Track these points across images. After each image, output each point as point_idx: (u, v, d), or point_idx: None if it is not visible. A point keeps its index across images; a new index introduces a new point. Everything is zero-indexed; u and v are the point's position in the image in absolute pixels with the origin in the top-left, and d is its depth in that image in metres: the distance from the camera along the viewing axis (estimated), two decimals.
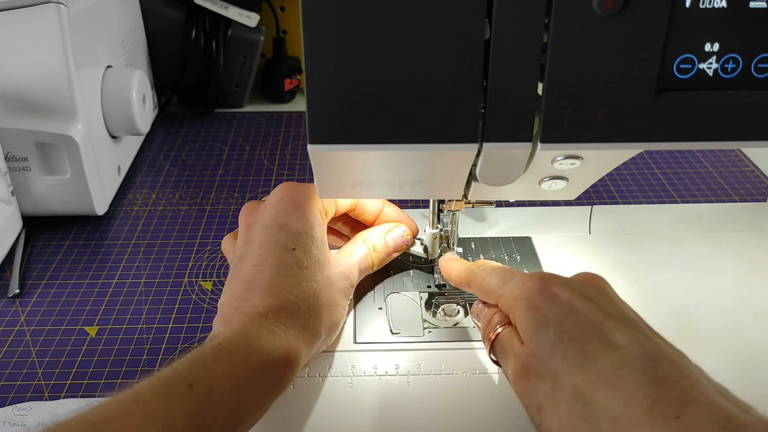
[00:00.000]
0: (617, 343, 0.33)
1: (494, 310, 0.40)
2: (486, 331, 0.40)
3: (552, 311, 0.35)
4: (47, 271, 0.57)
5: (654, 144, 0.33)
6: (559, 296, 0.36)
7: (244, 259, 0.41)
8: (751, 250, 0.54)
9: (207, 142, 0.79)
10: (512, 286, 0.38)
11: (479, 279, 0.41)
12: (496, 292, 0.40)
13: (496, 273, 0.41)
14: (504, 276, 0.40)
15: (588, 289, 0.37)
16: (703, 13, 0.30)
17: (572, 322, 0.34)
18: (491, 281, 0.40)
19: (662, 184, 0.69)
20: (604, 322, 0.34)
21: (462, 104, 0.31)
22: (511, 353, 0.37)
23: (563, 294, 0.36)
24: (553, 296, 0.36)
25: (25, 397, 0.45)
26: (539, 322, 0.35)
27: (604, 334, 0.33)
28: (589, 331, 0.34)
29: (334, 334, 0.43)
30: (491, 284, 0.40)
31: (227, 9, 0.78)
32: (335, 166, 0.36)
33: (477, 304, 0.42)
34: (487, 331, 0.40)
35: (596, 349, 0.33)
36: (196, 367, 0.34)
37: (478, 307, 0.42)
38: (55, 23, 0.55)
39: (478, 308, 0.42)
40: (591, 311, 0.35)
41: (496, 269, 0.41)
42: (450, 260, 0.46)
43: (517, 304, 0.37)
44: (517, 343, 0.36)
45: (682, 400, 0.30)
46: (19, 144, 0.57)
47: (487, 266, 0.42)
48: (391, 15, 0.29)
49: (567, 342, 0.34)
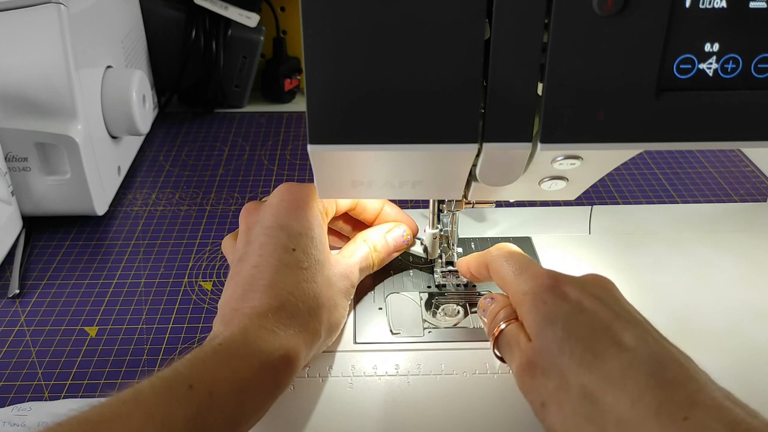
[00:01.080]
0: (626, 344, 0.33)
1: (500, 305, 0.40)
2: (491, 327, 0.40)
3: (561, 308, 0.35)
4: (47, 271, 0.57)
5: (654, 144, 0.33)
6: (569, 295, 0.36)
7: (245, 260, 0.41)
8: (751, 250, 0.54)
9: (207, 142, 0.78)
10: (523, 280, 0.39)
11: (496, 263, 0.42)
12: (509, 281, 0.40)
13: (513, 260, 0.41)
14: (519, 265, 0.40)
15: (597, 289, 0.37)
16: (703, 13, 0.30)
17: (581, 320, 0.35)
18: (507, 269, 0.40)
19: (662, 184, 0.69)
20: (612, 323, 0.34)
21: (462, 104, 0.31)
22: (517, 349, 0.37)
23: (573, 293, 0.36)
24: (562, 294, 0.36)
25: (25, 398, 0.45)
26: (547, 319, 0.35)
27: (612, 334, 0.34)
28: (597, 331, 0.34)
29: (334, 334, 0.43)
30: (507, 271, 0.40)
31: (227, 9, 0.78)
32: (335, 166, 0.36)
33: (483, 299, 0.43)
34: (492, 326, 0.40)
35: (604, 349, 0.33)
36: (196, 368, 0.34)
37: (484, 302, 0.42)
38: (55, 23, 0.55)
39: (485, 303, 0.42)
40: (600, 311, 0.35)
41: (513, 255, 0.41)
42: (465, 257, 0.47)
43: (526, 300, 0.37)
44: (524, 339, 0.36)
45: (690, 403, 0.30)
46: (19, 144, 0.57)
47: (503, 249, 0.42)
48: (391, 15, 0.29)
49: (575, 340, 0.34)
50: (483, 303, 0.43)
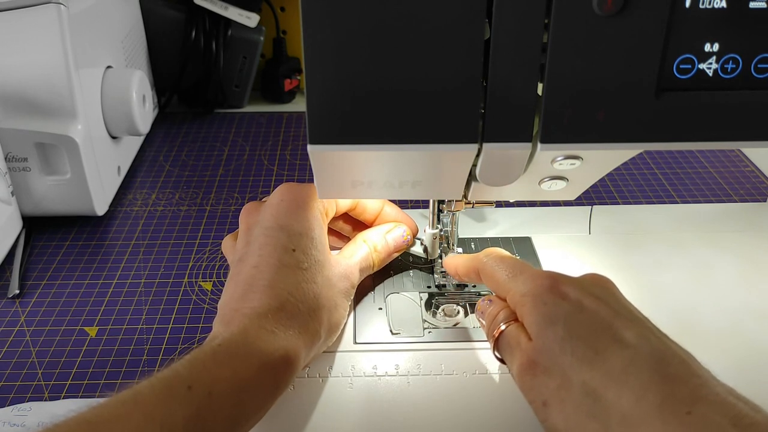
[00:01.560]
0: (627, 341, 0.33)
1: (499, 307, 0.40)
2: (490, 328, 0.40)
3: (561, 308, 0.35)
4: (47, 271, 0.57)
5: (654, 144, 0.33)
6: (569, 294, 0.36)
7: (245, 260, 0.41)
8: (751, 250, 0.54)
9: (207, 142, 0.78)
10: (521, 281, 0.38)
11: (488, 269, 0.41)
12: (505, 284, 0.40)
13: (506, 264, 0.41)
14: (513, 269, 0.40)
15: (597, 289, 0.37)
16: (703, 13, 0.30)
17: (581, 319, 0.35)
18: (501, 273, 0.40)
19: (662, 184, 0.69)
20: (614, 321, 0.34)
21: (462, 104, 0.31)
22: (518, 349, 0.37)
23: (572, 292, 0.36)
24: (562, 294, 0.36)
25: (25, 398, 0.45)
26: (548, 319, 0.35)
27: (614, 332, 0.34)
28: (598, 329, 0.34)
29: (334, 335, 0.43)
30: (501, 276, 0.40)
31: (227, 9, 0.78)
32: (335, 167, 0.36)
33: (481, 301, 0.42)
34: (491, 327, 0.39)
35: (606, 346, 0.33)
36: (195, 369, 0.34)
37: (482, 304, 0.42)
38: (55, 23, 0.55)
39: (483, 305, 0.42)
40: (600, 309, 0.35)
41: (505, 259, 0.41)
42: (453, 256, 0.47)
43: (525, 301, 0.37)
44: (525, 339, 0.36)
45: (693, 398, 0.30)
46: (19, 144, 0.57)
47: (494, 255, 0.42)
48: (391, 15, 0.29)
49: (576, 339, 0.34)
50: (481, 305, 0.42)
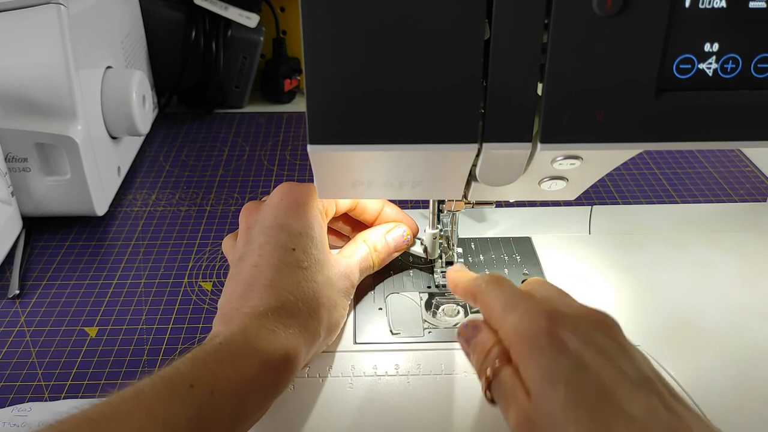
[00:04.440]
0: (634, 415, 0.30)
1: (490, 340, 0.36)
2: (482, 365, 0.35)
3: (561, 364, 0.32)
4: (47, 271, 0.57)
5: (654, 144, 0.33)
6: (568, 345, 0.32)
7: (245, 260, 0.41)
8: (751, 250, 0.54)
9: (207, 142, 0.79)
10: (516, 317, 0.34)
11: (485, 295, 0.38)
12: (499, 317, 0.36)
13: (504, 294, 0.37)
14: (510, 300, 0.36)
15: (599, 336, 0.34)
16: (703, 13, 0.30)
17: (584, 381, 0.31)
18: (496, 303, 0.37)
19: (662, 184, 0.69)
20: (618, 388, 0.31)
21: (462, 104, 0.31)
22: (515, 403, 0.33)
23: (572, 342, 0.32)
24: (560, 343, 0.32)
25: (25, 398, 0.45)
26: (548, 377, 0.32)
27: (619, 401, 0.30)
28: (602, 397, 0.31)
29: (334, 334, 0.43)
30: (495, 306, 0.36)
31: (227, 9, 0.78)
32: (335, 167, 0.36)
33: (464, 326, 0.38)
34: (483, 365, 0.35)
35: (611, 418, 0.30)
36: (197, 367, 0.34)
37: (466, 331, 0.37)
38: (55, 23, 0.55)
39: (467, 332, 0.37)
40: (604, 369, 0.32)
41: (504, 288, 0.37)
42: (457, 271, 0.43)
43: (521, 343, 0.34)
44: (522, 394, 0.33)
45: None
46: (19, 144, 0.57)
47: (493, 281, 0.38)
48: (391, 15, 0.29)
49: (580, 406, 0.31)
50: (464, 331, 0.37)
